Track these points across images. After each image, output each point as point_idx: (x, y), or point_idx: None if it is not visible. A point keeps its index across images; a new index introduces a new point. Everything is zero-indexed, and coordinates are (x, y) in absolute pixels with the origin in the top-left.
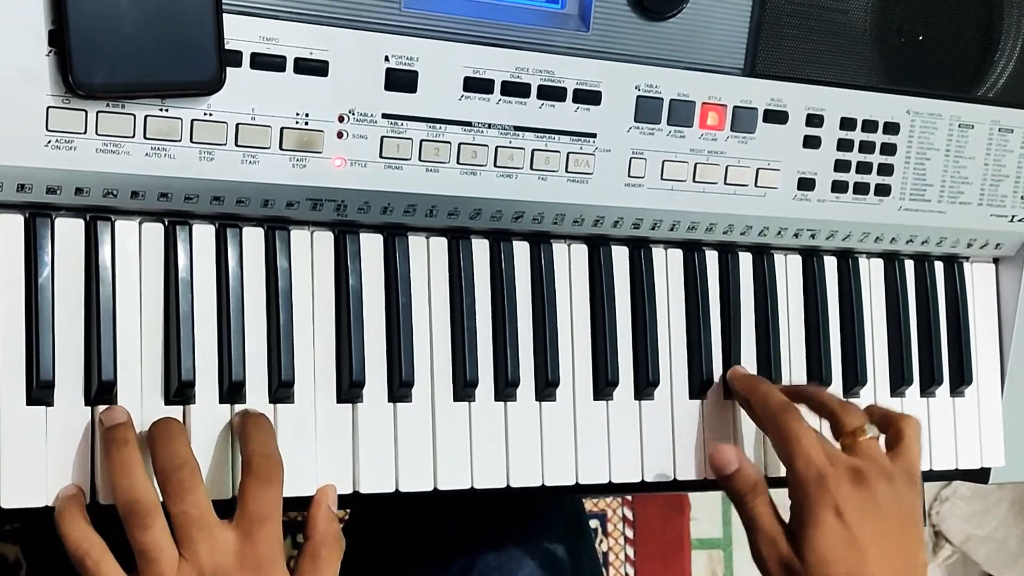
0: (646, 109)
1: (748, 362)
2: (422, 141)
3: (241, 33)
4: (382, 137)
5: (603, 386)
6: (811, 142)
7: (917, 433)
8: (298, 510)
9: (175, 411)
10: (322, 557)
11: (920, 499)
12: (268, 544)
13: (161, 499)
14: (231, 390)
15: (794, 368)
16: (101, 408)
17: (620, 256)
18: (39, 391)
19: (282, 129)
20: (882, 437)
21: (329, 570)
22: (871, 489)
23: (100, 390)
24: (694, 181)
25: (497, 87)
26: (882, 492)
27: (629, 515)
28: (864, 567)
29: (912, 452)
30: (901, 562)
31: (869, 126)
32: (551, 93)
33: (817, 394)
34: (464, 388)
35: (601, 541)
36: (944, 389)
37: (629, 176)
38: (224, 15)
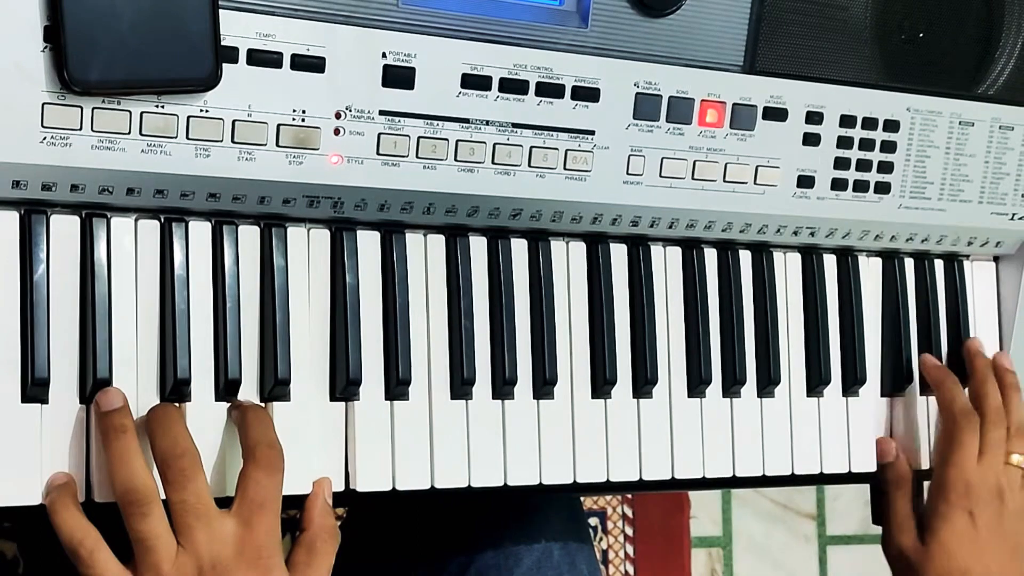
0: (645, 106)
1: (747, 360)
2: (419, 138)
3: (237, 29)
4: (379, 134)
5: (601, 384)
6: (811, 139)
7: None
8: (295, 508)
9: None
10: (317, 549)
11: None
12: (267, 534)
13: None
14: (227, 388)
15: (793, 366)
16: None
17: (619, 254)
18: (34, 388)
19: (278, 126)
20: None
21: (324, 562)
22: (1004, 508)
23: (95, 387)
24: (693, 179)
25: (495, 84)
26: (1010, 515)
27: (629, 513)
28: (979, 567)
29: None
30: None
31: (869, 123)
32: (549, 90)
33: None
34: (461, 386)
35: (601, 539)
36: None
37: (628, 173)
38: (220, 11)
